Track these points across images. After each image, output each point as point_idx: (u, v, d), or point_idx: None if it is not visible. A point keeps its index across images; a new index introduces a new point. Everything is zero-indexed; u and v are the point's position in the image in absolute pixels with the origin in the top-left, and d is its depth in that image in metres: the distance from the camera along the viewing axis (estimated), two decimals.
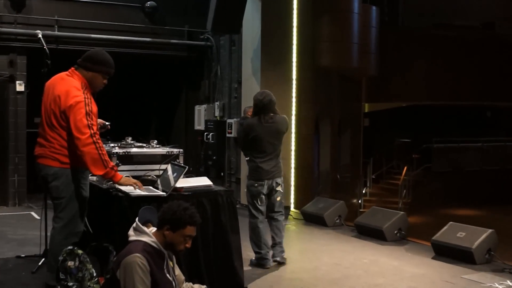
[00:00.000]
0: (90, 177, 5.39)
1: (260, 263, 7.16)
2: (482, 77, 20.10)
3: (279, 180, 7.25)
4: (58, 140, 4.96)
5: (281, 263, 7.27)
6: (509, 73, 20.65)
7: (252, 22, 11.70)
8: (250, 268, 6.95)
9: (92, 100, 5.01)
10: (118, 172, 5.02)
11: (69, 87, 4.93)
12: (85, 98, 4.89)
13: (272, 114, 7.23)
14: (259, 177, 7.10)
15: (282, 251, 7.36)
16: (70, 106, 4.84)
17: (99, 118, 5.44)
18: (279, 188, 7.27)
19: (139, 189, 5.04)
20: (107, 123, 5.82)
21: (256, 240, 7.21)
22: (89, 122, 4.84)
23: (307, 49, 12.03)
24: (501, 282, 6.76)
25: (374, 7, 15.06)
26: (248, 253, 7.46)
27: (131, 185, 5.03)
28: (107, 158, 4.90)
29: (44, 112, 5.05)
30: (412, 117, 20.66)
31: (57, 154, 4.98)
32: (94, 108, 5.00)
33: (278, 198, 7.31)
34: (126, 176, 5.14)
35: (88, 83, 5.05)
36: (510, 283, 6.74)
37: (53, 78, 5.15)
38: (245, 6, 11.15)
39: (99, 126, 5.58)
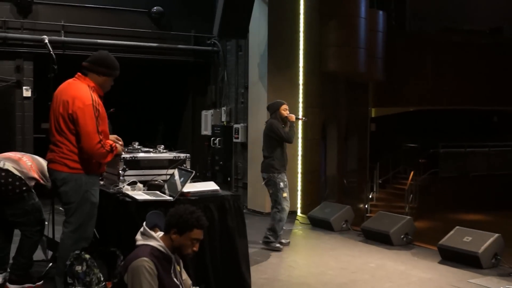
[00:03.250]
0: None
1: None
2: (489, 82, 20.10)
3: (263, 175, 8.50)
4: (67, 145, 4.97)
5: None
6: None
7: (258, 27, 11.73)
8: (257, 273, 6.97)
9: (100, 103, 5.04)
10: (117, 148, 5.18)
11: (76, 90, 4.95)
12: (93, 101, 4.92)
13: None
14: None
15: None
16: (78, 109, 4.86)
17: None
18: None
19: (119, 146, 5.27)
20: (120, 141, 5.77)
21: None
22: (98, 128, 4.89)
23: (314, 54, 12.06)
24: (507, 287, 6.77)
25: (381, 12, 15.08)
26: (255, 258, 7.50)
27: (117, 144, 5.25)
28: (108, 148, 5.00)
29: (53, 117, 5.06)
30: (419, 122, 20.66)
31: (66, 159, 4.99)
32: (102, 111, 5.03)
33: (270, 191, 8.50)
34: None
35: (97, 87, 5.07)
36: None
37: (61, 85, 5.18)
38: (252, 11, 11.19)
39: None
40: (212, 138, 13.19)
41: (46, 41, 6.45)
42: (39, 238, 5.84)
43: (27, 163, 5.85)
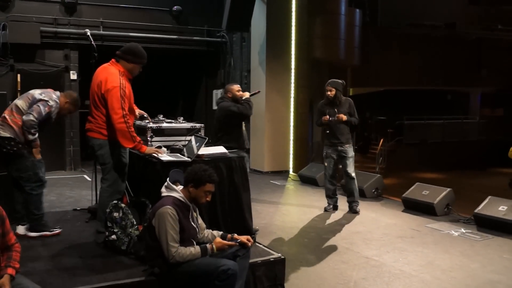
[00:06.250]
0: None
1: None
2: (444, 67, 20.06)
3: None
4: (101, 117, 4.93)
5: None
6: (465, 64, 20.64)
7: (258, 22, 11.66)
8: (257, 219, 6.99)
9: (127, 85, 4.94)
10: (144, 145, 5.01)
11: (108, 74, 4.89)
12: (120, 83, 4.84)
13: None
14: None
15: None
16: (108, 90, 4.81)
17: (139, 103, 5.47)
18: None
19: (162, 154, 5.07)
20: (145, 115, 5.78)
21: None
22: (122, 104, 4.83)
23: (303, 44, 11.97)
24: (456, 230, 6.82)
25: (357, 10, 14.91)
26: (256, 207, 7.53)
27: (154, 153, 5.05)
28: (134, 134, 4.87)
29: (91, 95, 5.03)
30: (387, 99, 20.64)
31: (101, 128, 4.95)
32: (128, 92, 4.95)
33: None
34: (150, 147, 5.17)
35: (127, 72, 5.02)
36: (464, 230, 6.79)
37: (98, 68, 5.13)
38: (253, 9, 11.12)
39: (138, 116, 5.60)
40: None
41: (88, 34, 6.38)
42: (39, 192, 5.34)
43: (9, 119, 5.15)
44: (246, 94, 6.53)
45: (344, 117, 7.52)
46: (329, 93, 7.60)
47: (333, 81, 7.72)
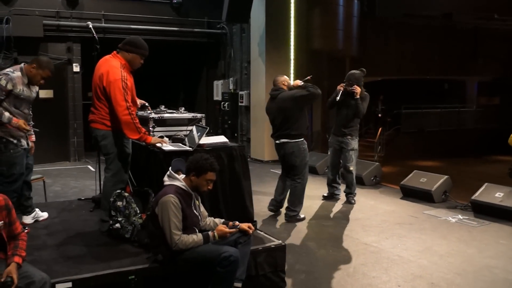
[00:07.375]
0: None
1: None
2: (441, 57, 19.97)
3: None
4: (104, 109, 4.90)
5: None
6: (462, 53, 20.58)
7: (258, 14, 11.60)
8: (258, 206, 7.00)
9: (128, 77, 4.90)
10: (149, 135, 4.99)
11: (110, 67, 4.84)
12: (122, 76, 4.80)
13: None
14: None
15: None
16: (110, 82, 4.76)
17: (141, 94, 5.44)
18: None
19: (166, 144, 5.07)
20: (146, 104, 5.77)
21: None
22: (125, 96, 4.80)
23: (302, 35, 11.93)
24: (453, 216, 6.83)
25: (355, 1, 14.83)
26: (257, 195, 7.53)
27: (159, 143, 5.05)
28: (139, 125, 4.83)
29: (93, 87, 4.98)
30: (385, 89, 20.57)
31: (104, 119, 4.92)
32: (130, 83, 4.90)
33: None
34: (155, 137, 5.16)
35: (127, 63, 4.96)
36: (461, 217, 6.80)
37: (100, 60, 5.10)
38: (253, 0, 11.07)
39: (139, 105, 5.58)
40: (222, 102, 13.16)
41: (90, 27, 6.35)
42: (7, 189, 4.91)
43: None
44: (298, 82, 6.62)
45: (358, 91, 7.38)
46: (352, 88, 7.42)
47: (354, 77, 7.50)
